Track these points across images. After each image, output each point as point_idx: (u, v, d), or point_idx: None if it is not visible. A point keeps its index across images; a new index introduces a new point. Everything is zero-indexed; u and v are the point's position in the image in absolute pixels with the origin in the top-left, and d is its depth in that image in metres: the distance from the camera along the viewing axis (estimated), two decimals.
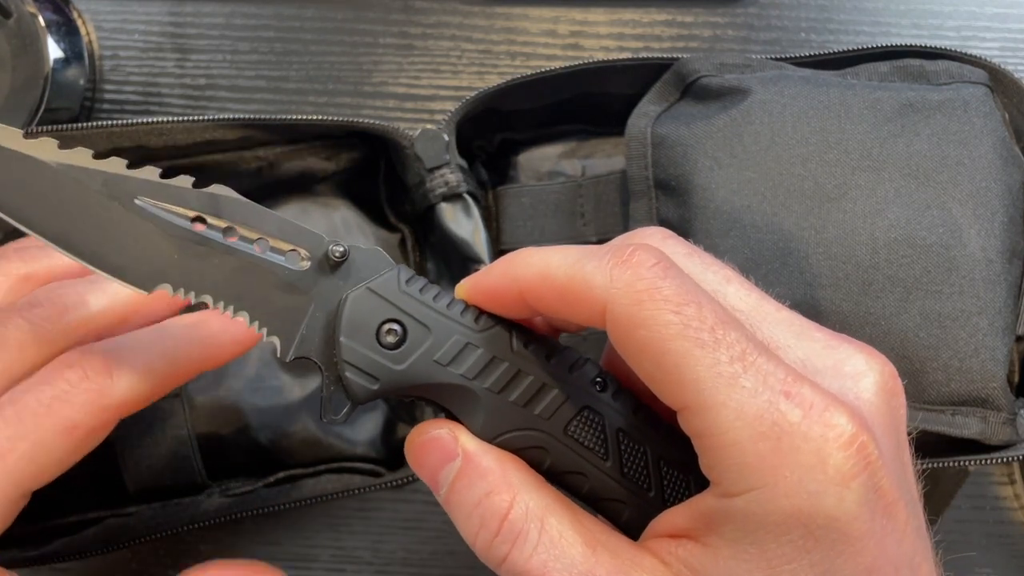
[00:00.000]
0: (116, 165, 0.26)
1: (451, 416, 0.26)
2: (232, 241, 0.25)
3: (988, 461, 0.37)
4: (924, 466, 0.37)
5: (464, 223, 0.42)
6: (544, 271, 0.24)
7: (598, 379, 0.26)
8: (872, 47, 0.41)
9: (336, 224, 0.45)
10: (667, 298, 0.21)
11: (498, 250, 0.44)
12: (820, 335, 0.24)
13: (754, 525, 0.21)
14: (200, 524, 0.39)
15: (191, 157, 0.43)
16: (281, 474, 0.42)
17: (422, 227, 0.45)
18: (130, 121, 0.39)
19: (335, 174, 0.45)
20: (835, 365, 0.23)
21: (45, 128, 0.39)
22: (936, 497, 0.43)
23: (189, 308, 0.27)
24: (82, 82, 0.46)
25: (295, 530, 0.46)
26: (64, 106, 0.46)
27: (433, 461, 0.25)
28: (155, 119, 0.40)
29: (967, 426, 0.36)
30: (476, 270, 0.42)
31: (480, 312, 0.26)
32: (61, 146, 0.25)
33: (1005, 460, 0.37)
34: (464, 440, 0.25)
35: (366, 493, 0.41)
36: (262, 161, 0.44)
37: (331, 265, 0.25)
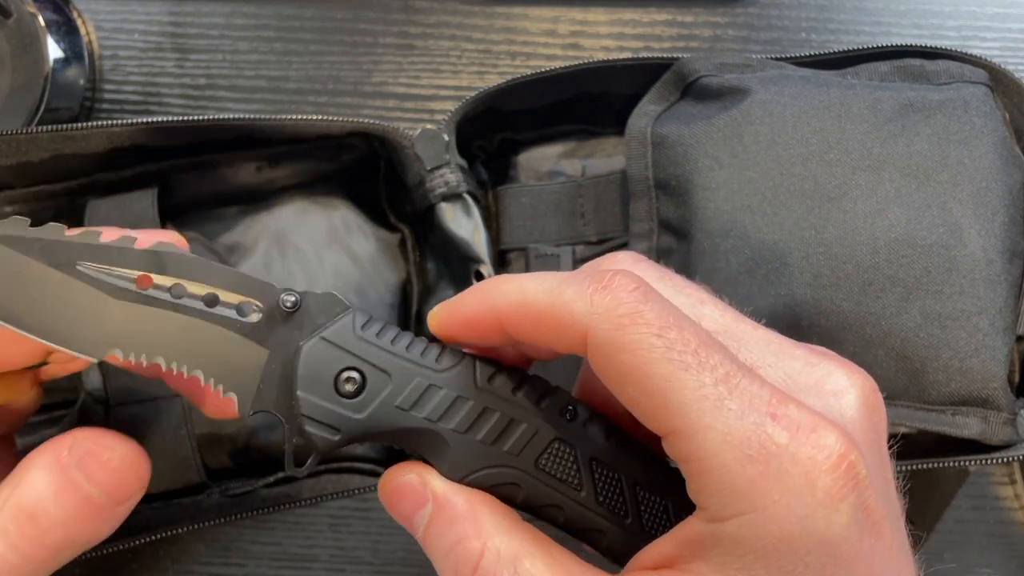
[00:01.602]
0: (54, 232, 0.25)
1: (421, 457, 0.25)
2: (180, 299, 0.25)
3: (988, 461, 0.37)
4: (924, 466, 0.37)
5: (464, 223, 0.42)
6: (522, 299, 0.23)
7: (568, 408, 0.25)
8: (872, 47, 0.41)
9: (336, 224, 0.45)
10: (649, 322, 0.21)
11: (498, 250, 0.44)
12: (800, 352, 0.24)
13: (743, 550, 0.20)
14: (200, 524, 0.39)
15: (191, 157, 0.43)
16: (281, 474, 0.42)
17: (422, 227, 0.45)
18: (130, 121, 0.39)
19: (335, 174, 0.45)
20: (817, 383, 0.23)
21: (45, 128, 0.39)
22: (936, 497, 0.43)
23: (141, 370, 0.26)
24: (82, 82, 0.46)
25: (295, 530, 0.46)
26: (64, 106, 0.46)
27: (406, 507, 0.25)
28: (155, 119, 0.40)
29: (967, 426, 0.36)
30: (476, 270, 0.42)
31: (442, 350, 0.25)
32: None
33: (1005, 460, 0.37)
34: (434, 484, 0.24)
35: (366, 493, 0.41)
36: (262, 161, 0.44)
37: (283, 315, 0.25)
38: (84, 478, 0.26)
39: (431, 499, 0.24)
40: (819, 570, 0.20)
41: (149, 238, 0.26)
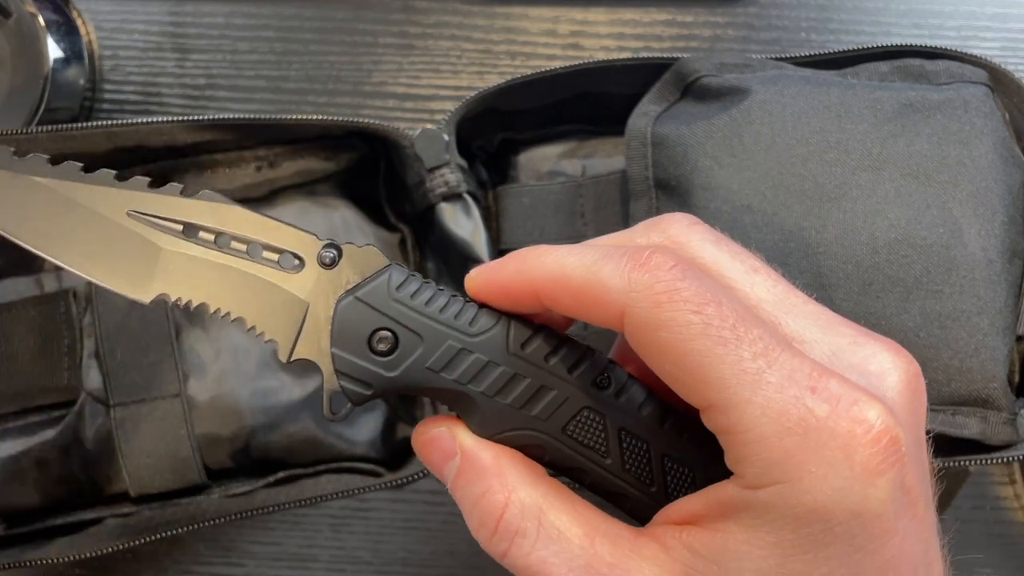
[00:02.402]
0: (105, 178, 0.26)
1: (451, 411, 0.26)
2: (225, 247, 0.26)
3: (988, 461, 0.37)
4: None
5: (464, 223, 0.42)
6: (560, 273, 0.23)
7: (603, 376, 0.26)
8: (872, 47, 0.41)
9: (336, 224, 0.45)
10: (687, 299, 0.21)
11: (498, 250, 0.44)
12: (847, 330, 0.24)
13: (774, 515, 0.21)
14: (200, 524, 0.39)
15: (191, 157, 0.43)
16: (281, 474, 0.42)
17: (422, 227, 0.45)
18: (130, 121, 0.39)
19: (335, 174, 0.45)
20: (861, 361, 0.23)
21: (45, 128, 0.39)
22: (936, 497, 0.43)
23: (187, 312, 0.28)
24: (82, 82, 0.46)
25: (295, 530, 0.46)
26: (64, 106, 0.46)
27: (436, 458, 0.26)
28: (155, 119, 0.40)
29: (967, 426, 0.36)
30: None
31: (477, 311, 0.26)
32: (51, 161, 0.26)
33: (1005, 460, 0.37)
34: (461, 437, 0.25)
35: (366, 493, 0.41)
36: (262, 161, 0.44)
37: (323, 267, 0.25)
38: None
39: (459, 452, 0.25)
40: (847, 542, 0.20)
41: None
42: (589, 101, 0.44)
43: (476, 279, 0.26)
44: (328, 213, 0.45)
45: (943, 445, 0.37)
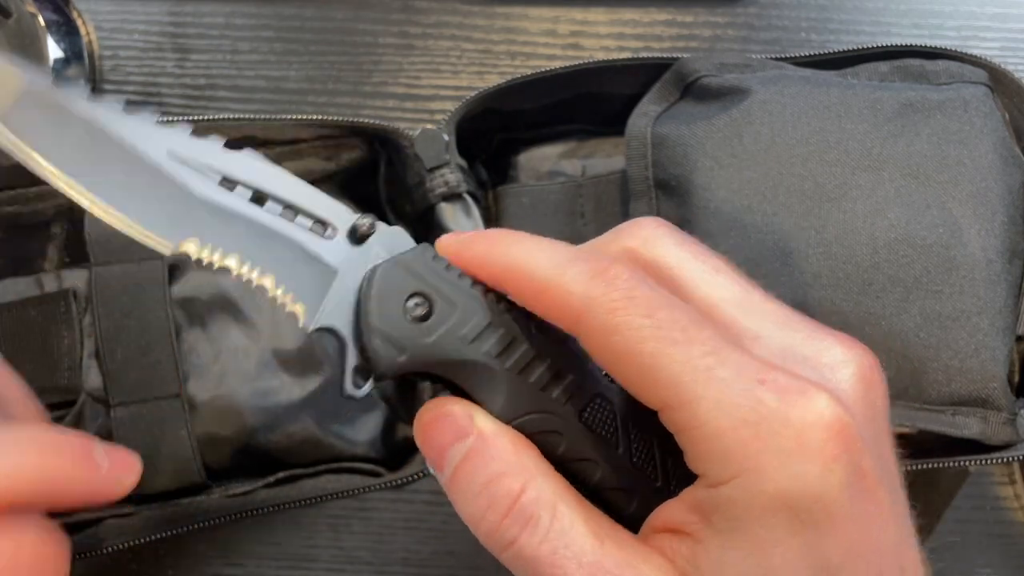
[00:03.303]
0: (147, 120, 0.25)
1: (469, 396, 0.25)
2: (260, 205, 0.25)
3: (988, 461, 0.37)
4: (924, 466, 0.37)
5: (464, 223, 0.42)
6: (525, 267, 0.24)
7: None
8: (872, 47, 0.41)
9: None
10: (639, 305, 0.22)
11: None
12: (803, 326, 0.24)
13: (740, 511, 0.21)
14: (200, 524, 0.39)
15: None
16: (281, 474, 0.42)
17: (422, 227, 0.45)
18: None
19: (335, 174, 0.45)
20: (814, 355, 0.23)
21: None
22: (936, 497, 0.43)
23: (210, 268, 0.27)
24: (82, 82, 0.46)
25: (295, 530, 0.46)
26: None
27: (443, 437, 0.25)
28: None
29: (967, 426, 0.36)
30: None
31: (501, 294, 0.26)
32: (90, 98, 0.25)
33: (1005, 460, 0.37)
34: (480, 419, 0.24)
35: (366, 493, 0.41)
36: None
37: (358, 238, 0.25)
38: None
39: (475, 434, 0.24)
40: (815, 527, 0.20)
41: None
42: (589, 101, 0.44)
43: (445, 247, 0.26)
44: None
45: (943, 445, 0.37)
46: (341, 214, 0.26)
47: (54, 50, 0.44)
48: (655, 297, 0.22)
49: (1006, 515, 0.46)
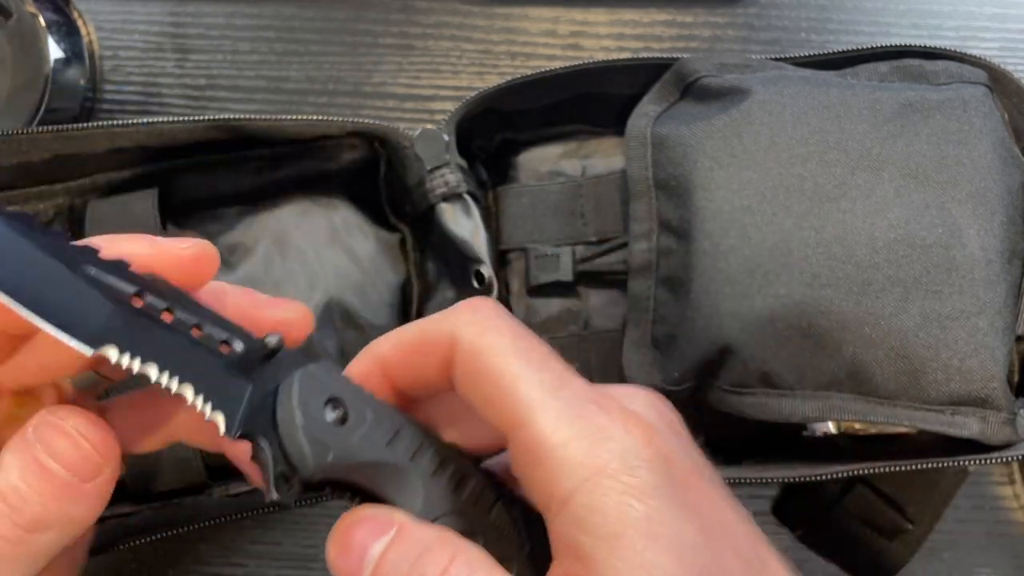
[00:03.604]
0: (61, 235, 0.26)
1: (386, 501, 0.26)
2: (173, 319, 0.26)
3: (988, 461, 0.37)
4: (924, 466, 0.37)
5: (464, 223, 0.42)
6: (396, 338, 0.27)
7: (492, 472, 0.27)
8: (872, 47, 0.41)
9: (336, 224, 0.45)
10: (504, 330, 0.25)
11: (498, 250, 0.45)
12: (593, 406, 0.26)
13: (598, 518, 0.22)
14: (200, 524, 0.39)
15: (191, 157, 0.43)
16: None
17: (422, 227, 0.45)
18: (130, 121, 0.39)
19: (335, 174, 0.45)
20: (615, 396, 0.26)
21: (45, 128, 0.39)
22: (936, 497, 0.43)
23: (130, 377, 0.27)
24: (82, 82, 0.46)
25: (295, 530, 0.46)
26: (64, 106, 0.46)
27: (362, 537, 0.25)
28: (155, 119, 0.40)
29: (967, 426, 0.36)
30: (476, 270, 0.42)
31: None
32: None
33: (1005, 460, 0.37)
34: (399, 515, 0.25)
35: None
36: (262, 161, 0.44)
37: (265, 355, 0.26)
38: (46, 453, 0.27)
39: (397, 526, 0.25)
40: (680, 484, 0.23)
41: (170, 243, 0.27)
42: (589, 101, 0.44)
43: (350, 371, 0.27)
44: (328, 213, 0.45)
45: (943, 445, 0.37)
46: (248, 334, 0.26)
47: (54, 50, 0.45)
48: (516, 325, 0.25)
49: (1006, 515, 0.46)
